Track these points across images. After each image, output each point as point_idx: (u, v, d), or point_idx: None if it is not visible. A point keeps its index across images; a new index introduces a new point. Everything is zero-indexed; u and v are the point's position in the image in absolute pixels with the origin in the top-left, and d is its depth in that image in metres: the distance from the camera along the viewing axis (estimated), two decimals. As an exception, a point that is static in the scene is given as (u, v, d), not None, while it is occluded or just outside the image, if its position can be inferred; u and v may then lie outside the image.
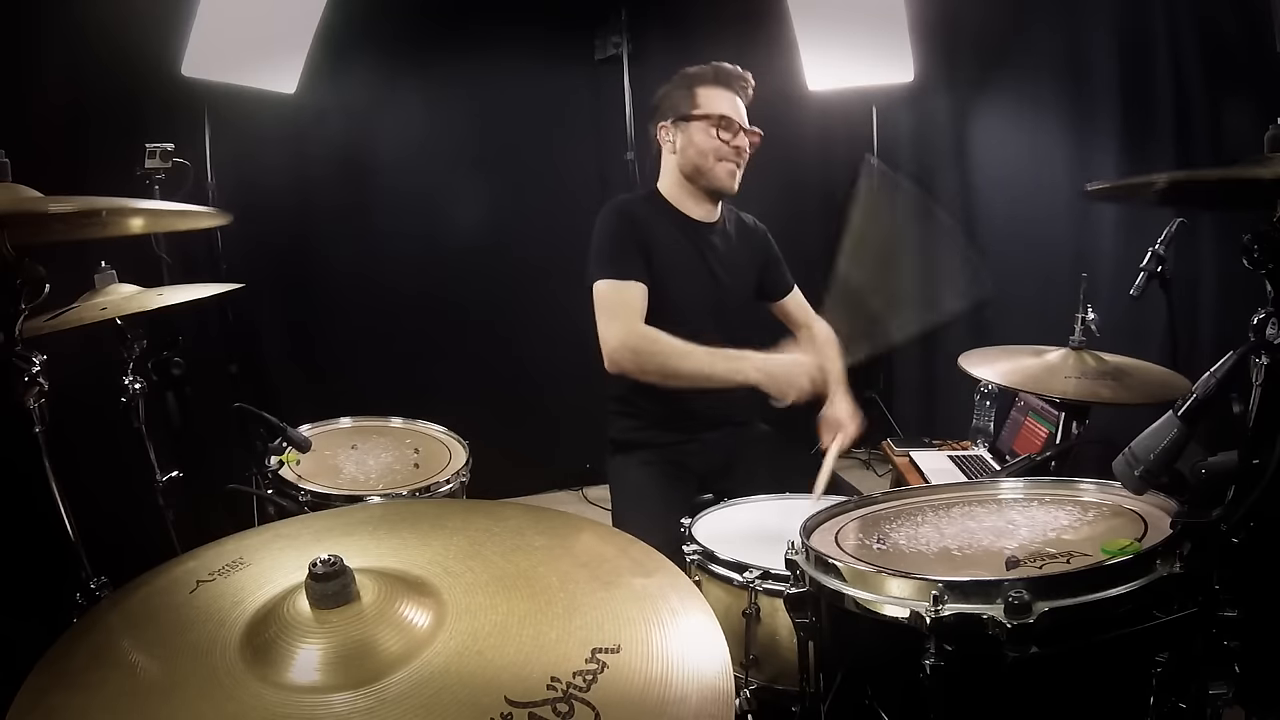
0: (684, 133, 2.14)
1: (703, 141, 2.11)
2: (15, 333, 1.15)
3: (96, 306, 1.89)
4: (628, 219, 2.10)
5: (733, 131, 2.11)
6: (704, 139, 2.11)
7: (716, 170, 2.12)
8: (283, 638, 0.84)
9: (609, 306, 2.00)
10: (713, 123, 2.10)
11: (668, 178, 2.21)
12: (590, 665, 0.81)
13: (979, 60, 3.78)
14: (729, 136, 2.11)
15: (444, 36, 3.73)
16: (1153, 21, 3.10)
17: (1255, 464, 1.03)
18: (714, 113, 2.10)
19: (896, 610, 1.10)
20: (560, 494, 4.05)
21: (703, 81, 2.14)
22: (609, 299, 2.00)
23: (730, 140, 2.11)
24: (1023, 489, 1.46)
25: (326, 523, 1.20)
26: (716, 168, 2.12)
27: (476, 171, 3.81)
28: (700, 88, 2.13)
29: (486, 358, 3.90)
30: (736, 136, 2.11)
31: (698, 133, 2.11)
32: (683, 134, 2.14)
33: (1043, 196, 3.56)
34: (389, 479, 2.05)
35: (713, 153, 2.11)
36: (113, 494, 2.06)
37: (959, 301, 1.99)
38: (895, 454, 3.20)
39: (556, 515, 1.18)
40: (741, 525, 1.76)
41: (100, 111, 2.89)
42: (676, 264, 2.11)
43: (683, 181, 2.17)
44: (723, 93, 2.13)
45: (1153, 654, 1.09)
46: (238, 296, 2.39)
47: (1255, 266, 1.03)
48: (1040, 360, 2.06)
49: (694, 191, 2.17)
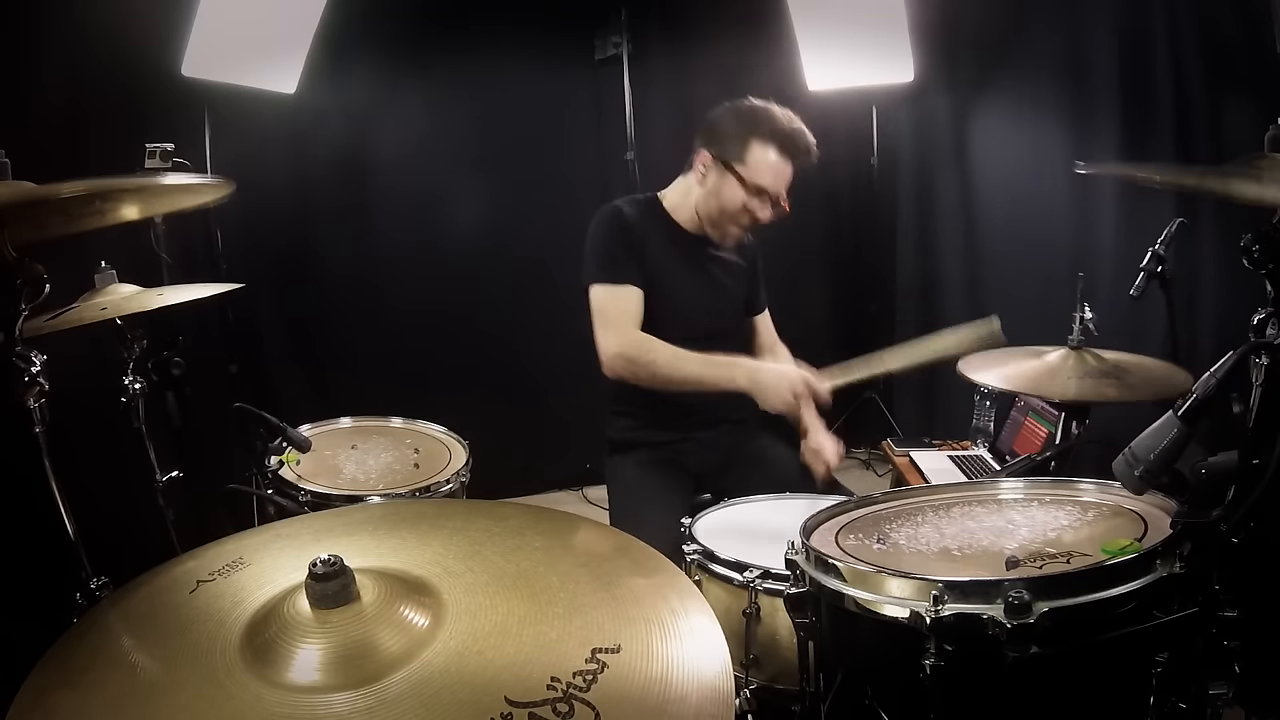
0: (719, 176, 2.04)
1: (730, 200, 2.03)
2: (15, 333, 1.15)
3: (96, 306, 1.89)
4: (622, 223, 2.08)
5: (766, 206, 2.03)
6: (733, 197, 2.02)
7: (727, 228, 2.08)
8: (283, 638, 0.84)
9: (605, 313, 2.00)
10: (751, 190, 2.01)
11: (679, 193, 2.16)
12: (590, 665, 0.81)
13: (979, 60, 3.78)
14: (758, 208, 2.02)
15: (444, 37, 3.72)
16: (1153, 21, 3.10)
17: (1255, 464, 1.03)
18: (757, 183, 2.00)
19: (896, 610, 1.10)
20: (560, 494, 4.05)
21: (765, 137, 2.00)
22: (604, 305, 2.01)
23: (757, 212, 2.03)
24: (1023, 489, 1.46)
25: (326, 523, 1.20)
26: (729, 226, 2.07)
27: (476, 171, 3.81)
28: (756, 142, 1.99)
29: (487, 358, 3.90)
30: (765, 210, 2.03)
31: (731, 188, 2.02)
32: (717, 176, 2.04)
33: (1043, 197, 3.55)
34: (389, 479, 2.05)
35: (735, 214, 2.04)
36: (113, 494, 2.06)
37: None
38: (895, 454, 3.20)
39: (556, 515, 1.18)
40: (741, 525, 1.76)
41: (100, 111, 2.89)
42: (671, 272, 2.10)
43: (693, 209, 2.13)
44: (777, 159, 2.01)
45: (1153, 654, 1.09)
46: (238, 296, 2.39)
47: (1255, 266, 1.03)
48: (1039, 361, 2.06)
49: (700, 223, 2.14)
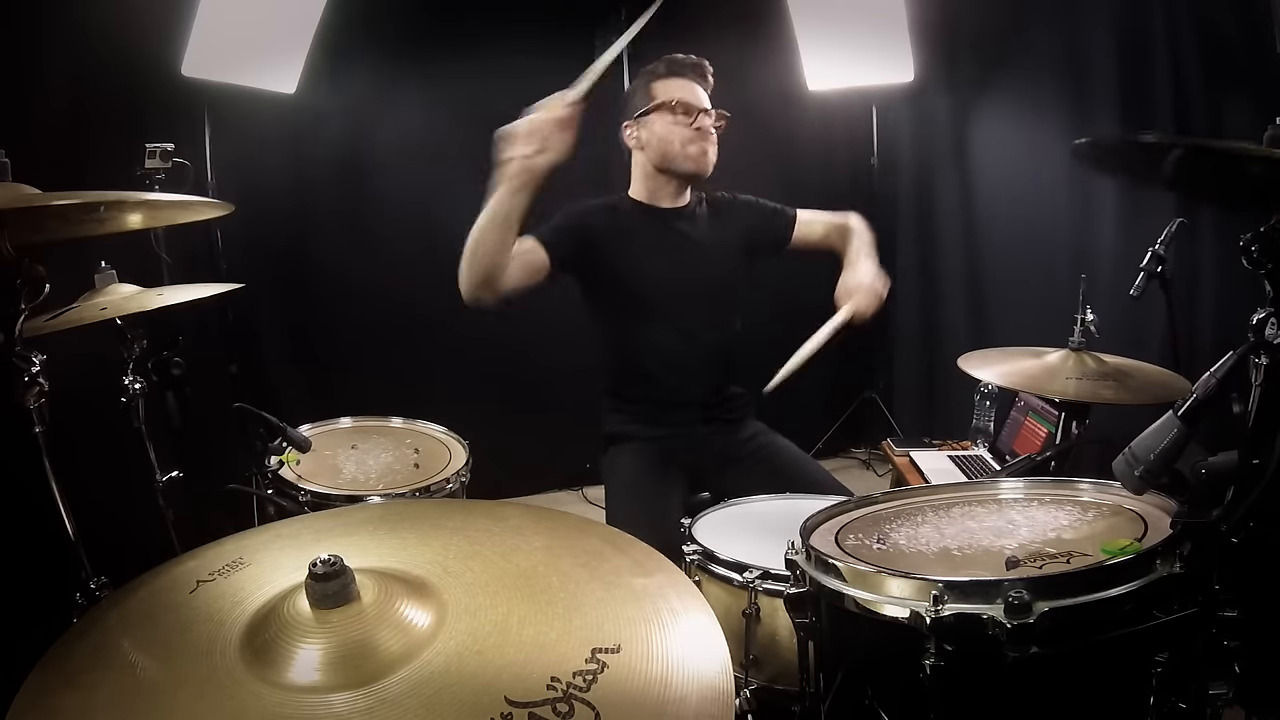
0: (646, 127, 2.14)
1: (664, 130, 2.12)
2: (15, 333, 1.15)
3: (96, 306, 1.89)
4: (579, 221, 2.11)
5: (692, 115, 2.11)
6: (664, 128, 2.12)
7: (685, 153, 2.12)
8: (283, 638, 0.84)
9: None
10: (669, 109, 2.11)
11: (637, 177, 2.22)
12: (590, 665, 0.81)
13: (979, 60, 3.78)
14: (689, 120, 2.11)
15: (444, 36, 3.72)
16: (1152, 22, 3.10)
17: (1255, 464, 1.03)
18: (671, 99, 2.10)
19: (896, 610, 1.10)
20: (560, 494, 4.05)
21: (656, 75, 2.15)
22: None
23: (691, 123, 2.11)
24: (1023, 489, 1.46)
25: (326, 523, 1.20)
26: (682, 151, 2.12)
27: (476, 171, 3.79)
28: (656, 82, 2.14)
29: (486, 358, 3.90)
30: (696, 119, 2.11)
31: (658, 123, 2.12)
32: (645, 129, 2.15)
33: (1043, 196, 3.55)
34: (389, 479, 2.05)
35: (677, 139, 2.11)
36: (113, 494, 2.06)
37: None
38: (895, 454, 3.20)
39: (556, 515, 1.18)
40: (741, 525, 1.76)
41: (100, 111, 2.89)
42: (641, 256, 2.12)
43: (654, 174, 2.18)
44: (678, 81, 2.14)
45: (1153, 654, 1.09)
46: (238, 296, 2.39)
47: (1255, 266, 1.03)
48: (1040, 361, 2.06)
49: (666, 182, 2.18)
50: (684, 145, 2.11)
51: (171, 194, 1.38)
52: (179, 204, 1.53)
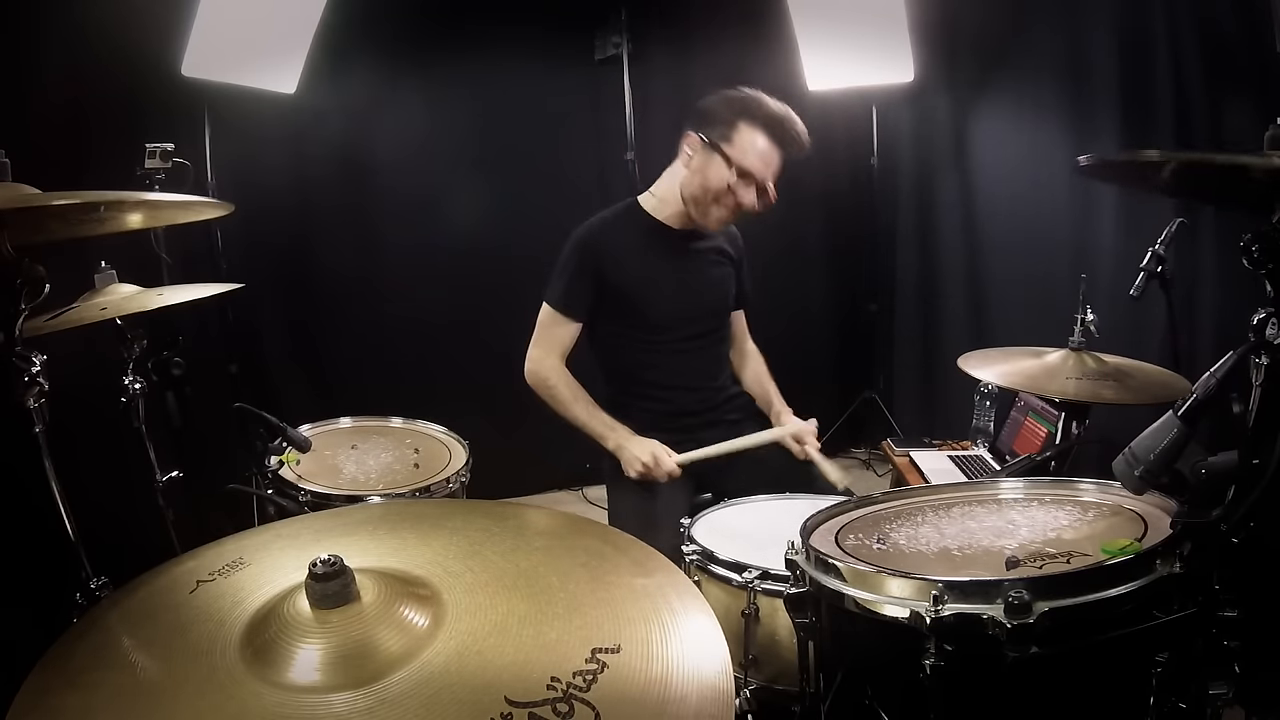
0: (706, 157, 2.01)
1: (715, 180, 2.00)
2: (15, 333, 1.15)
3: (96, 306, 1.89)
4: (591, 252, 2.10)
5: (750, 191, 1.99)
6: (717, 177, 1.99)
7: (710, 209, 2.05)
8: (283, 638, 0.84)
9: (541, 332, 2.19)
10: (736, 172, 1.98)
11: (665, 185, 2.16)
12: (590, 665, 0.81)
13: (979, 60, 3.77)
14: (742, 191, 1.99)
15: (444, 36, 3.72)
16: (1153, 21, 3.09)
17: (1255, 464, 1.03)
18: (742, 164, 1.98)
19: (896, 610, 1.10)
20: (560, 494, 4.04)
21: (751, 118, 1.98)
22: (544, 325, 2.18)
23: (741, 195, 2.00)
24: (1023, 489, 1.46)
25: (326, 523, 1.20)
26: (711, 208, 2.04)
27: (476, 171, 3.80)
28: (745, 124, 1.98)
29: (487, 357, 3.88)
30: (749, 195, 2.00)
31: (716, 168, 1.99)
32: (704, 158, 2.02)
33: (1042, 196, 3.55)
34: (389, 479, 2.05)
35: (719, 194, 2.01)
36: (113, 494, 2.05)
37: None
38: (895, 454, 3.20)
39: (556, 515, 1.18)
40: (741, 525, 1.76)
41: (100, 111, 2.89)
42: (649, 276, 2.11)
43: (678, 198, 2.11)
44: (765, 145, 1.99)
45: (1153, 654, 1.09)
46: (238, 296, 2.38)
47: (1255, 266, 1.03)
48: (1040, 361, 2.06)
49: (681, 211, 2.13)
50: (718, 206, 2.03)
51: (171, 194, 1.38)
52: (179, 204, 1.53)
